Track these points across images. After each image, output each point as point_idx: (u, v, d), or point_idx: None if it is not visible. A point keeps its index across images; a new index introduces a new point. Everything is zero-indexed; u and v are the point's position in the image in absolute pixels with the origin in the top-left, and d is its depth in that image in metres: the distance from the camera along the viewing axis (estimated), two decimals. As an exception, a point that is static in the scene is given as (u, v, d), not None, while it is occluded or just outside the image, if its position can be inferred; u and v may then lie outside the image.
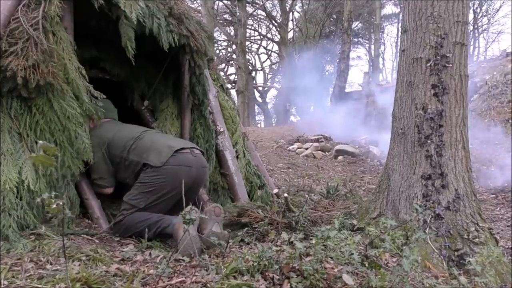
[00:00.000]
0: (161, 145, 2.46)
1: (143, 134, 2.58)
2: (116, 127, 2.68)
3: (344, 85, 15.27)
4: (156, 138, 2.55)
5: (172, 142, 2.54)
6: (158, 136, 2.63)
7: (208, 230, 2.19)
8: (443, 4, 2.46)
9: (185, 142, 2.76)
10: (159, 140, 2.52)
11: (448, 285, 1.69)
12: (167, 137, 2.72)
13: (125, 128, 2.69)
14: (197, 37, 3.07)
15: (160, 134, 2.76)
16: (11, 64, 2.17)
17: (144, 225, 2.27)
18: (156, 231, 2.27)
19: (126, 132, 2.61)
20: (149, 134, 2.60)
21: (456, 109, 2.43)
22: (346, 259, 1.59)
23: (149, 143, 2.48)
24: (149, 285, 1.56)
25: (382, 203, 2.60)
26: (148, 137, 2.55)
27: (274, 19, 21.65)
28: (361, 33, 27.42)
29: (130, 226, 2.33)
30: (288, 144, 9.52)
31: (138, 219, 2.32)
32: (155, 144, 2.47)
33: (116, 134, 2.59)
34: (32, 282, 1.48)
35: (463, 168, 2.40)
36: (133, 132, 2.61)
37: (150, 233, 2.24)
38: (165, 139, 2.58)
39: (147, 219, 2.30)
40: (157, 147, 2.45)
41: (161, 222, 2.28)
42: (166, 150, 2.41)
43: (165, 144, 2.47)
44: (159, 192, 2.36)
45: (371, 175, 6.59)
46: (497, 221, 3.87)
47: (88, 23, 2.85)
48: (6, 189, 2.04)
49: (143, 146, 2.48)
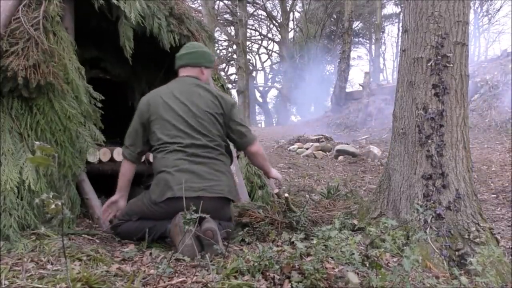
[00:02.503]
0: (173, 179, 2.17)
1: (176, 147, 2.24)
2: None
3: (344, 85, 15.26)
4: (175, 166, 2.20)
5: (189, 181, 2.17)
6: (182, 164, 2.22)
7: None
8: (444, 4, 2.46)
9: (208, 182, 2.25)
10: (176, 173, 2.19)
11: (449, 285, 1.69)
12: (192, 170, 2.23)
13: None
14: (198, 37, 3.07)
15: (189, 162, 2.25)
16: (12, 64, 2.17)
17: (138, 235, 2.22)
18: (154, 237, 2.22)
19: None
20: (177, 154, 2.23)
21: (456, 109, 2.43)
22: (347, 259, 1.59)
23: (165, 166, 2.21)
24: (150, 285, 1.56)
25: (382, 203, 2.60)
26: (172, 157, 2.22)
27: (275, 19, 21.67)
28: (361, 33, 27.43)
29: (125, 235, 2.29)
30: (289, 144, 9.52)
31: (132, 229, 2.25)
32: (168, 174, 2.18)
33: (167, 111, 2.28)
34: (32, 282, 1.48)
35: (464, 168, 2.40)
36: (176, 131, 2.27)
37: (148, 240, 2.20)
38: (185, 174, 2.19)
39: (140, 230, 2.23)
40: (166, 178, 2.18)
41: (156, 229, 2.22)
42: (170, 191, 2.14)
43: (178, 180, 2.15)
44: (157, 217, 2.22)
45: (371, 175, 6.58)
46: (498, 221, 3.86)
47: (88, 23, 2.86)
48: (7, 189, 2.04)
49: (164, 162, 2.23)
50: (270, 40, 24.27)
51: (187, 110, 2.30)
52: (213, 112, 2.35)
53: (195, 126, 2.28)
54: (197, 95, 2.36)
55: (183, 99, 2.32)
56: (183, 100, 2.31)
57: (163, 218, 2.17)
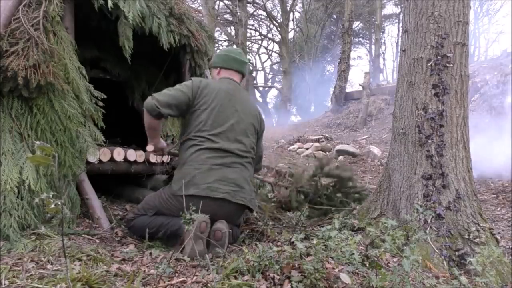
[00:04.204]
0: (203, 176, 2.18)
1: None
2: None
3: (344, 85, 15.26)
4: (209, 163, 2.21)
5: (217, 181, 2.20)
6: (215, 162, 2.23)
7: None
8: (444, 4, 2.46)
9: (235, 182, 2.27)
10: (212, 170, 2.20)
11: (449, 285, 1.68)
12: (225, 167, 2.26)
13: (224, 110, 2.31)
14: (198, 37, 3.07)
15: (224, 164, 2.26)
16: (12, 64, 2.17)
17: (152, 230, 2.22)
18: (166, 233, 2.22)
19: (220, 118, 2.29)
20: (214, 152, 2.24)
21: (457, 109, 2.43)
22: (347, 259, 1.59)
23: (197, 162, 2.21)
24: (150, 285, 1.56)
25: (382, 203, 2.60)
26: (205, 155, 2.22)
27: (275, 19, 21.66)
28: (361, 33, 27.43)
29: (138, 229, 2.30)
30: (289, 144, 9.52)
31: (146, 224, 2.25)
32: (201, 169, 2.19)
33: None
34: (33, 282, 1.48)
35: (464, 168, 2.40)
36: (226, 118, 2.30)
37: (160, 234, 2.21)
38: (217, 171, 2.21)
39: (154, 225, 2.23)
40: (194, 174, 2.18)
41: (169, 225, 2.21)
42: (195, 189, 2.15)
43: (205, 179, 2.18)
44: (173, 213, 2.21)
45: (371, 175, 6.58)
46: (498, 221, 3.86)
47: (89, 23, 2.86)
48: (7, 189, 2.04)
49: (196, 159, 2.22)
50: (270, 40, 24.26)
51: (235, 113, 2.32)
52: (255, 125, 2.42)
53: (237, 130, 2.31)
54: (247, 103, 2.42)
55: (234, 101, 2.34)
56: (234, 103, 2.34)
57: (178, 215, 2.08)
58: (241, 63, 2.50)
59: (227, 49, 2.57)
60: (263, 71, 27.94)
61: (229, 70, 2.48)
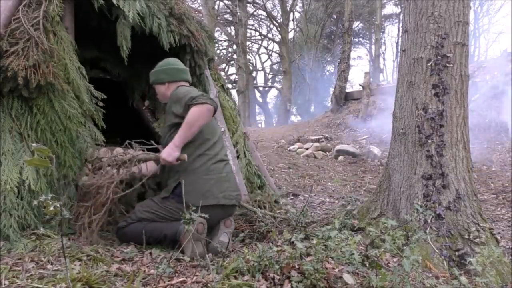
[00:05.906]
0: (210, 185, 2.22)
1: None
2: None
3: (344, 85, 15.24)
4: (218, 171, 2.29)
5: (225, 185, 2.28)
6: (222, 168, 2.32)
7: (216, 238, 2.20)
8: (444, 4, 2.46)
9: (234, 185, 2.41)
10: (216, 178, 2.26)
11: (449, 285, 1.68)
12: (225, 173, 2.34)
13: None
14: (198, 37, 3.07)
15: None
16: (12, 64, 2.17)
17: (147, 235, 2.17)
18: (163, 239, 2.19)
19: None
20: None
21: (456, 109, 2.43)
22: (347, 259, 1.59)
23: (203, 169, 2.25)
24: (150, 285, 1.56)
25: (382, 203, 2.60)
26: (214, 164, 2.29)
27: (275, 19, 21.65)
28: (361, 33, 27.44)
29: (130, 237, 2.23)
30: (289, 144, 9.51)
31: (138, 231, 2.18)
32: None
33: None
34: (33, 282, 1.48)
35: (464, 168, 2.40)
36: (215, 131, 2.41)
37: (152, 240, 2.18)
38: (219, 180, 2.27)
39: (151, 229, 2.19)
40: (209, 184, 2.22)
41: (166, 230, 2.18)
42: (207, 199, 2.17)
43: (220, 188, 2.24)
44: (173, 217, 2.20)
45: (371, 175, 6.58)
46: (498, 221, 3.86)
47: (89, 23, 2.86)
48: (7, 189, 2.04)
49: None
50: (270, 40, 24.26)
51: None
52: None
53: (223, 138, 2.56)
54: None
55: None
56: None
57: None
58: (186, 71, 2.52)
59: (166, 62, 2.50)
60: (263, 71, 27.96)
61: (178, 82, 2.44)
